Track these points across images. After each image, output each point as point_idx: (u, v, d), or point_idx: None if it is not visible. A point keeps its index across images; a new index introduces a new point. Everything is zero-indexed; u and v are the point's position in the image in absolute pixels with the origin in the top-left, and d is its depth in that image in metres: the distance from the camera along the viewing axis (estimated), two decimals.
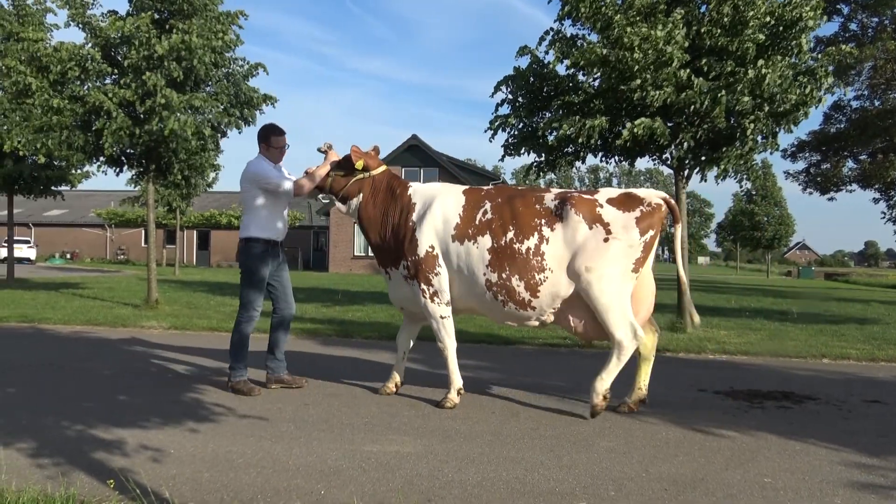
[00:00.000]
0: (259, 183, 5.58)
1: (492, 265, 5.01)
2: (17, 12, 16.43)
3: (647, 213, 4.90)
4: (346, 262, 36.39)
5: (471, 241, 5.08)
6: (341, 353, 7.62)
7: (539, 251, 4.91)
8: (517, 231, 4.98)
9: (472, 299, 5.23)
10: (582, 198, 5.02)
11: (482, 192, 5.36)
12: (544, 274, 4.92)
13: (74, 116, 11.89)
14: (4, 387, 5.54)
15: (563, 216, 4.94)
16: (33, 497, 3.06)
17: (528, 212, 5.02)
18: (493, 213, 5.09)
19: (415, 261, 5.23)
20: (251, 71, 12.93)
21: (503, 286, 5.00)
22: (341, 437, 4.34)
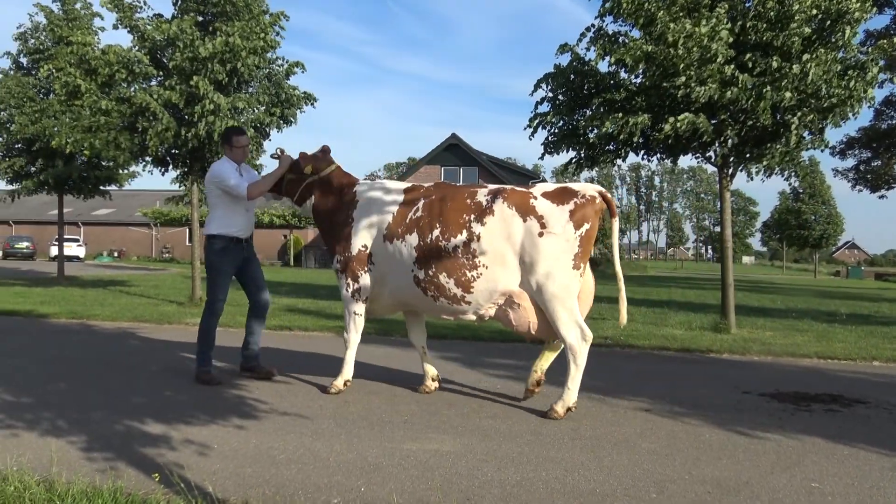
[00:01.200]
0: (218, 184, 5.83)
1: (419, 262, 5.07)
2: (67, 16, 16.88)
3: (581, 205, 4.85)
4: None
5: (400, 239, 5.16)
6: (381, 352, 7.67)
7: (469, 247, 4.91)
8: (445, 228, 5.00)
9: (404, 295, 5.30)
10: (515, 191, 5.02)
11: (420, 190, 5.40)
12: (477, 270, 4.92)
13: (121, 117, 12.18)
14: (55, 381, 5.70)
15: (495, 211, 4.92)
16: (82, 489, 3.14)
17: (458, 208, 5.04)
18: (424, 211, 5.14)
19: (347, 257, 5.40)
20: (290, 69, 13.09)
21: (431, 282, 5.04)
22: (381, 434, 4.37)
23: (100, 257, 45.96)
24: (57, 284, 17.13)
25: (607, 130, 9.34)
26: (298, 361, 6.82)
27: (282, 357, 7.03)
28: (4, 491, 3.12)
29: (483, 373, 6.52)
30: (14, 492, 3.11)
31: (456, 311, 5.13)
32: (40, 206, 49.27)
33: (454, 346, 8.20)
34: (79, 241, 44.08)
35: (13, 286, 16.02)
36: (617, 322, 5.36)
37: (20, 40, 17.76)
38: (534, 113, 10.48)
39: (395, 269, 5.23)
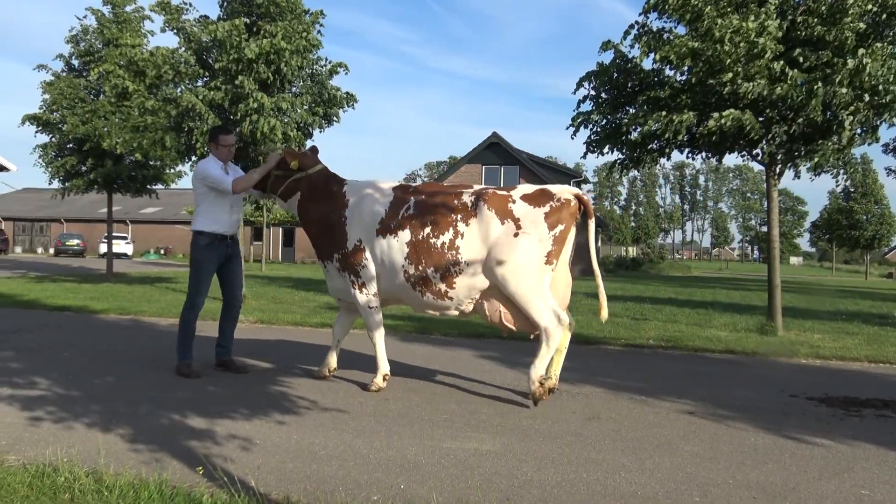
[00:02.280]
0: (204, 181, 6.00)
1: (410, 258, 5.32)
2: (117, 19, 17.29)
3: (557, 208, 5.12)
4: None
5: (392, 235, 5.40)
6: (420, 350, 7.69)
7: (454, 245, 5.19)
8: (434, 226, 5.27)
9: (395, 290, 5.53)
10: (496, 194, 5.29)
11: (410, 188, 5.65)
12: (459, 267, 5.19)
13: (168, 118, 12.43)
14: (104, 375, 5.85)
15: (477, 212, 5.20)
16: (129, 481, 3.22)
17: (446, 208, 5.31)
18: (415, 210, 5.39)
19: (344, 254, 5.61)
20: (333, 70, 13.22)
21: (420, 278, 5.30)
22: (421, 432, 4.39)
23: (147, 255, 47.03)
24: (106, 281, 17.57)
25: (651, 129, 9.21)
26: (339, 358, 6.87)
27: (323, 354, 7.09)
28: (55, 481, 3.21)
29: (522, 372, 6.48)
30: (64, 482, 3.21)
31: (440, 306, 5.41)
32: (90, 204, 50.68)
33: (492, 345, 8.19)
34: (127, 238, 45.21)
35: (64, 282, 16.48)
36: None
37: (72, 43, 18.25)
38: (576, 111, 10.39)
39: (386, 265, 5.46)
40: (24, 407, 4.70)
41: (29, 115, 17.59)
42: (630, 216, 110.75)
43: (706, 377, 6.65)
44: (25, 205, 56.09)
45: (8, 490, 3.11)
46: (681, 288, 22.65)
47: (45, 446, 3.84)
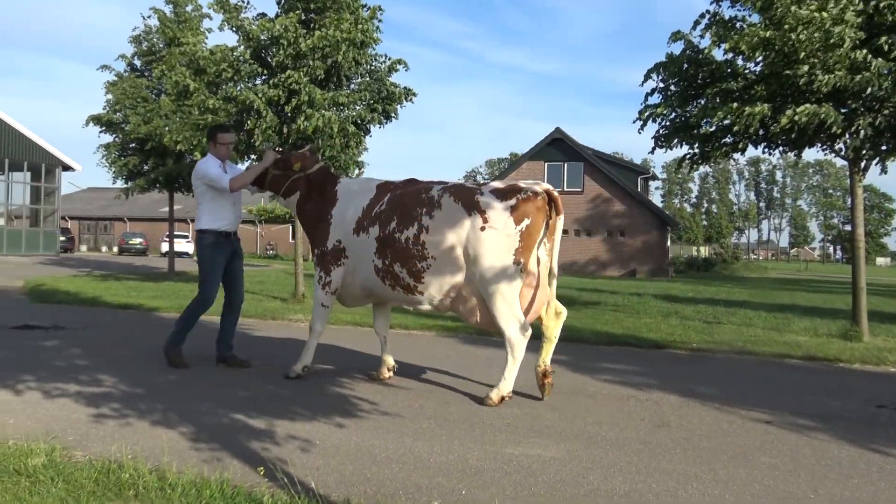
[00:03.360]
0: (202, 180, 6.29)
1: (378, 252, 5.53)
2: (178, 18, 17.83)
3: (523, 201, 5.12)
4: None
5: (364, 231, 5.64)
6: (482, 353, 7.69)
7: (419, 240, 5.31)
8: (399, 221, 5.43)
9: (368, 284, 5.73)
10: (463, 187, 5.38)
11: (390, 186, 5.84)
12: (427, 262, 5.30)
13: (228, 116, 12.75)
14: (166, 373, 6.04)
15: (443, 206, 5.29)
16: (191, 479, 3.32)
17: (413, 202, 5.44)
18: (386, 205, 5.59)
19: (322, 251, 5.90)
20: (393, 66, 13.33)
21: (388, 272, 5.50)
22: (482, 437, 4.39)
23: None
24: (167, 279, 18.13)
25: (721, 121, 8.99)
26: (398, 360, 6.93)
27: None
28: (120, 478, 3.33)
29: (588, 376, 6.43)
30: (128, 479, 3.33)
31: (412, 300, 5.56)
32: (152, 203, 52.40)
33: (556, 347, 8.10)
34: (188, 237, 46.51)
35: (127, 281, 17.08)
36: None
37: (134, 43, 18.91)
38: (643, 105, 10.22)
39: (361, 261, 5.69)
40: (89, 403, 4.90)
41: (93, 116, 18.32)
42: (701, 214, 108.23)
43: (785, 384, 6.45)
44: (90, 204, 58.38)
45: (75, 485, 3.25)
46: (756, 290, 22.04)
47: (111, 443, 3.99)
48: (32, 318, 9.41)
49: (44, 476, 3.33)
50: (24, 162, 31.23)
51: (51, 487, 3.22)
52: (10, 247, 30.75)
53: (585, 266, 34.63)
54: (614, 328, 9.72)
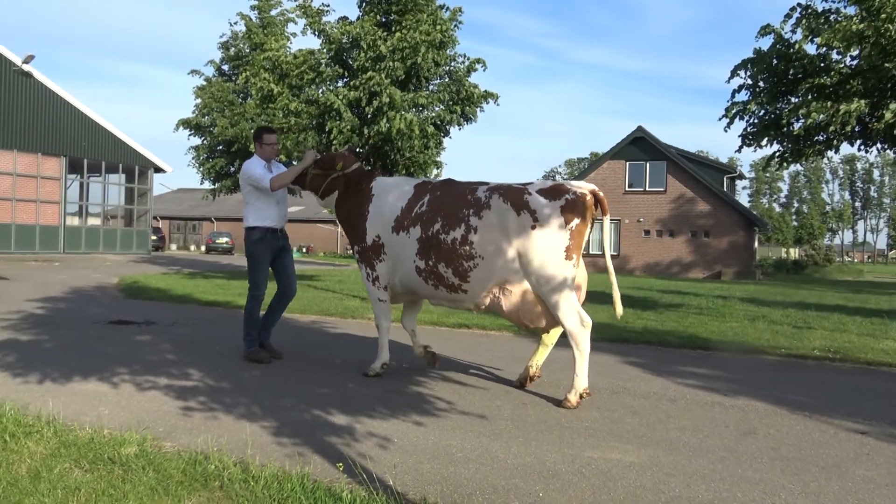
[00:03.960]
0: (247, 180, 6.58)
1: (420, 254, 5.62)
2: (263, 23, 18.37)
3: (572, 201, 5.19)
4: None
5: (405, 231, 5.73)
6: (560, 355, 7.60)
7: (467, 240, 5.38)
8: (445, 222, 5.49)
9: (408, 282, 5.86)
10: (511, 188, 5.42)
11: (429, 185, 5.93)
12: (474, 261, 5.37)
13: (310, 118, 13.05)
14: (250, 369, 6.23)
15: (492, 206, 5.34)
16: (273, 473, 3.41)
17: (459, 203, 5.51)
18: (428, 206, 5.66)
19: (363, 247, 6.05)
20: (471, 67, 13.36)
21: (431, 272, 5.59)
22: (560, 439, 4.35)
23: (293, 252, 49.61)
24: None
25: (815, 119, 8.63)
26: (476, 360, 6.94)
27: (459, 355, 7.20)
28: (206, 469, 3.46)
29: (670, 381, 6.28)
30: (214, 470, 3.45)
31: (454, 299, 5.67)
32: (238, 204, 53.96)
33: (637, 350, 7.98)
34: None
35: (214, 279, 17.70)
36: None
37: (222, 48, 19.58)
38: (730, 102, 9.95)
39: (401, 260, 5.81)
40: (178, 396, 5.10)
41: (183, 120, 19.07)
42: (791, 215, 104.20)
43: (882, 394, 6.14)
44: (180, 204, 60.79)
45: (165, 475, 3.39)
46: (851, 294, 21.05)
47: (198, 435, 4.15)
48: (127, 313, 9.87)
49: (135, 465, 3.49)
50: (119, 164, 32.76)
51: (142, 476, 3.37)
52: (106, 245, 32.34)
53: (668, 267, 33.87)
54: (698, 331, 9.47)
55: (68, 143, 30.02)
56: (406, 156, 13.66)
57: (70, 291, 13.34)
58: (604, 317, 11.03)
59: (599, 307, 12.62)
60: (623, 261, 34.60)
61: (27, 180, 28.71)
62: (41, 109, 28.97)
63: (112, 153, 32.10)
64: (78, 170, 31.50)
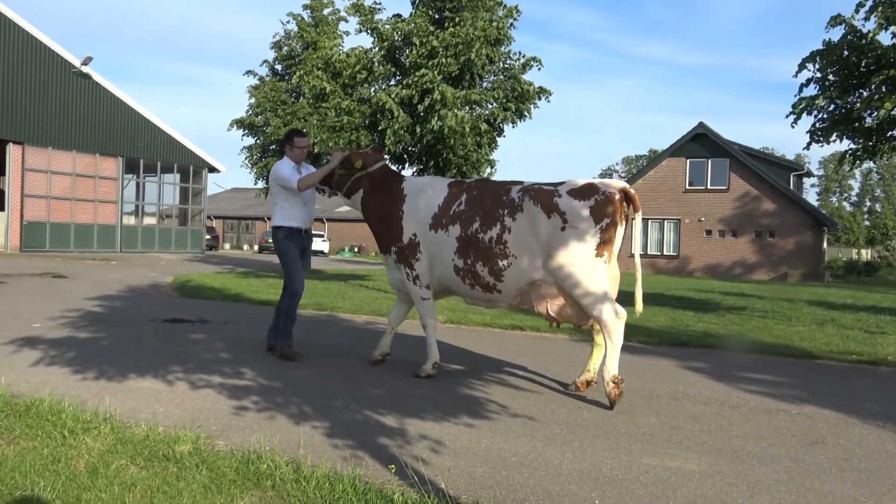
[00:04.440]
0: (277, 180, 6.78)
1: (459, 252, 5.81)
2: (315, 23, 18.63)
3: (602, 201, 5.30)
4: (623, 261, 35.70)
5: (443, 229, 5.91)
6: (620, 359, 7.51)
7: (501, 240, 5.57)
8: (482, 221, 5.69)
9: (447, 281, 6.03)
10: (542, 189, 5.57)
11: (464, 185, 6.11)
12: (507, 260, 5.57)
13: (362, 117, 13.18)
14: (302, 369, 6.32)
15: (524, 208, 5.52)
16: (325, 473, 3.46)
17: (494, 204, 5.69)
18: (466, 206, 5.85)
19: (400, 247, 6.20)
20: (527, 64, 13.31)
21: (469, 271, 5.78)
22: (617, 445, 4.29)
23: (341, 252, 50.22)
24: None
25: (889, 113, 8.34)
26: (529, 363, 6.91)
27: (511, 357, 7.17)
28: (258, 468, 3.52)
29: (732, 386, 6.15)
30: (266, 470, 3.51)
31: (489, 299, 5.86)
32: None
33: (698, 354, 7.83)
34: (323, 236, 48.55)
35: (267, 278, 18.00)
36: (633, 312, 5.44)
37: (275, 48, 19.93)
38: (798, 97, 9.69)
39: (438, 258, 5.98)
40: (231, 395, 5.21)
41: (236, 120, 19.47)
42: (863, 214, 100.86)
43: None
44: (233, 204, 62.05)
45: (218, 473, 3.46)
46: None
47: (250, 434, 4.22)
48: (181, 312, 10.12)
49: (189, 463, 3.57)
50: (175, 164, 33.63)
51: (196, 474, 3.45)
52: (161, 244, 33.23)
53: (730, 268, 33.15)
54: (762, 335, 9.24)
55: (125, 144, 30.94)
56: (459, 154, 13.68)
57: (126, 290, 13.75)
58: (663, 320, 10.87)
59: (658, 309, 12.43)
60: (683, 262, 34.02)
61: (85, 180, 29.67)
62: (99, 110, 29.93)
63: (167, 153, 32.96)
64: (134, 170, 32.44)
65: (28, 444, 3.81)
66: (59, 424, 4.09)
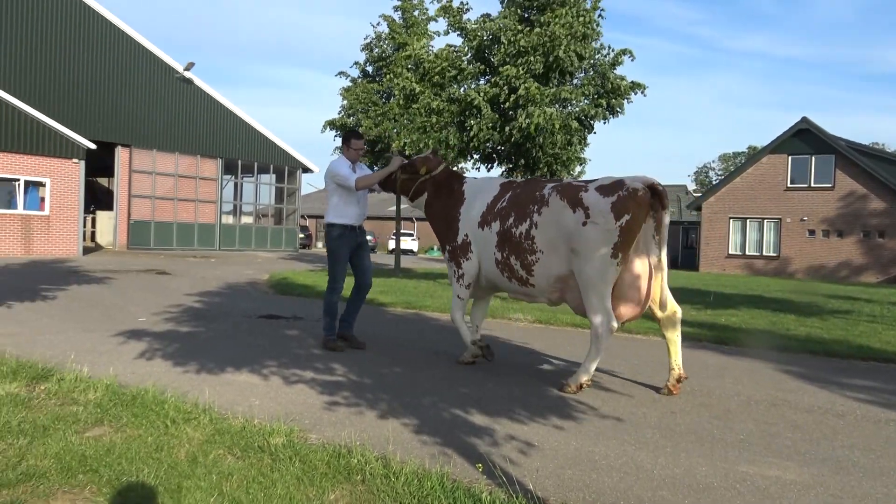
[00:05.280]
0: (333, 178, 7.04)
1: (498, 246, 6.06)
2: (406, 24, 18.85)
3: (624, 197, 5.31)
4: (720, 261, 34.75)
5: (488, 226, 6.18)
6: (713, 360, 7.31)
7: (530, 235, 5.78)
8: (516, 217, 5.92)
9: (490, 276, 6.26)
10: (570, 185, 5.75)
11: (512, 184, 6.36)
12: (536, 255, 5.77)
13: (451, 116, 13.26)
14: (392, 366, 6.41)
15: (550, 203, 5.67)
16: (413, 470, 3.49)
17: (527, 200, 5.90)
18: (507, 203, 6.09)
19: (453, 246, 6.47)
20: (617, 59, 13.08)
21: (505, 264, 6.02)
22: (712, 452, 4.17)
23: (430, 251, 50.64)
24: (394, 276, 19.22)
25: None
26: (620, 365, 6.79)
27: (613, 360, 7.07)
28: (349, 463, 3.59)
29: (837, 394, 5.86)
30: (356, 464, 3.57)
31: (526, 292, 6.07)
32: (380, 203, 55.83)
33: (800, 360, 7.50)
34: (413, 235, 49.09)
35: None
36: None
37: (366, 50, 20.27)
38: None
39: (485, 254, 6.22)
40: (323, 390, 5.33)
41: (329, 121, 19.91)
42: None
43: None
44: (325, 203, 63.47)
45: (310, 466, 3.55)
46: None
47: (341, 428, 4.31)
48: (276, 308, 10.44)
49: (283, 455, 3.68)
50: (270, 165, 34.66)
51: (289, 466, 3.55)
52: (258, 243, 34.34)
53: (835, 270, 31.64)
54: (870, 341, 8.77)
55: (224, 146, 32.12)
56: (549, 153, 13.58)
57: (224, 286, 14.28)
58: (762, 323, 10.48)
59: (757, 312, 11.99)
60: (783, 263, 32.70)
61: (187, 181, 30.97)
62: (200, 114, 31.18)
63: (263, 154, 34.02)
64: (232, 171, 33.64)
65: (134, 433, 4.01)
66: (162, 414, 4.28)
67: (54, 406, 4.50)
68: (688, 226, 44.05)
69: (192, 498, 3.13)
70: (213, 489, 3.23)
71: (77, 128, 24.54)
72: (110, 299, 11.06)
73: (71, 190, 23.55)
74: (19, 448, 3.66)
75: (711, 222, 34.98)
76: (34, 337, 7.25)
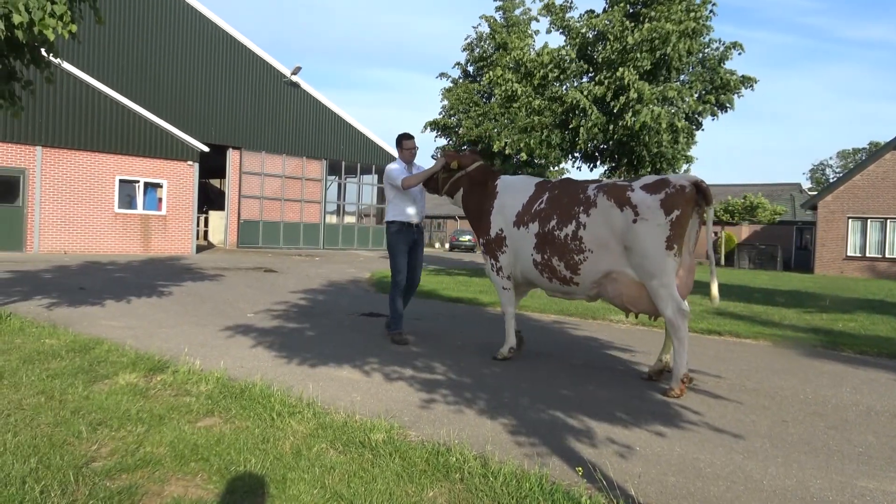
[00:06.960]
0: (387, 179, 7.44)
1: (537, 248, 6.24)
2: (507, 23, 18.82)
3: (672, 194, 5.50)
4: (837, 263, 32.96)
5: (524, 226, 6.37)
6: (827, 368, 6.94)
7: (577, 236, 5.92)
8: (559, 219, 6.07)
9: (529, 274, 6.44)
10: (616, 185, 5.88)
11: (548, 184, 6.50)
12: (583, 255, 5.90)
13: (553, 116, 13.13)
14: (491, 366, 6.41)
15: (598, 204, 5.82)
16: (512, 470, 3.47)
17: (571, 201, 6.06)
18: (545, 204, 6.25)
19: (488, 240, 6.74)
20: (726, 53, 12.63)
21: (546, 265, 6.18)
22: (827, 464, 3.95)
23: None
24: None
25: None
26: (727, 370, 6.55)
27: (708, 363, 6.83)
28: (448, 461, 3.61)
29: None
30: (455, 463, 3.59)
31: (567, 291, 6.20)
32: None
33: None
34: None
35: (458, 276, 18.45)
36: None
37: (467, 50, 20.37)
38: None
39: (521, 253, 6.43)
40: (422, 388, 5.38)
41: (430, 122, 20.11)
42: None
43: None
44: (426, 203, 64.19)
45: (409, 463, 3.59)
46: None
47: (440, 427, 4.34)
48: (377, 306, 10.63)
49: (383, 451, 3.74)
50: (373, 166, 35.36)
51: (389, 462, 3.60)
52: (360, 242, 35.12)
53: None
54: None
55: (328, 147, 33.01)
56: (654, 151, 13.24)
57: (328, 284, 14.67)
58: (885, 329, 9.89)
59: (879, 318, 11.31)
60: None
61: (293, 182, 32.00)
62: (306, 116, 32.16)
63: (366, 155, 34.74)
64: (336, 171, 34.51)
65: (242, 424, 4.16)
66: (269, 407, 4.44)
67: (169, 396, 4.74)
68: (802, 226, 42.03)
69: (296, 489, 3.22)
70: (315, 482, 3.31)
71: (191, 131, 25.84)
72: (221, 295, 11.54)
73: (186, 191, 24.76)
74: (137, 435, 3.87)
75: (828, 222, 33.21)
76: (151, 330, 7.65)
